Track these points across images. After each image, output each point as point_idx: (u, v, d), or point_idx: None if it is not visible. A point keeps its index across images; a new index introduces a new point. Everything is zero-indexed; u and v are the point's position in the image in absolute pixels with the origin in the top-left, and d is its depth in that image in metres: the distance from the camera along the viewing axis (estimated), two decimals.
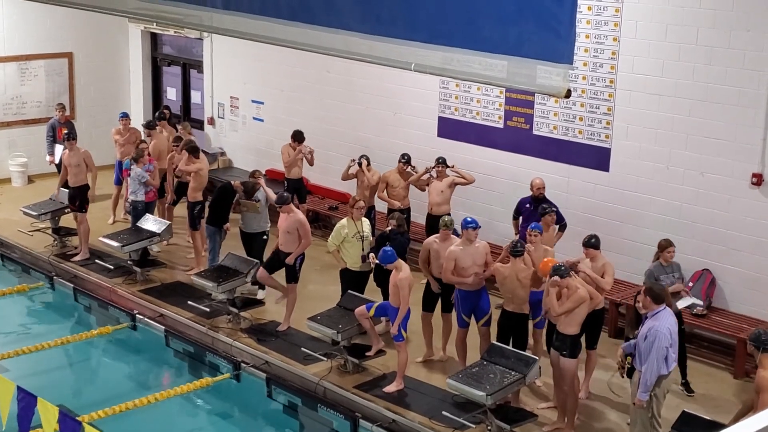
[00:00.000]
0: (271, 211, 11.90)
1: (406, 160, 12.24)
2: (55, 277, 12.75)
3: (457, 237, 9.96)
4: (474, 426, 8.85)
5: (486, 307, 9.66)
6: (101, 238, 12.63)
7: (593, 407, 9.39)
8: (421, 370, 10.11)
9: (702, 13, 10.36)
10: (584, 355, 9.18)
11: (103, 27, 16.90)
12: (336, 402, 9.54)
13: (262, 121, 15.67)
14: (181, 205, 13.50)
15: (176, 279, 12.41)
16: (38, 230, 13.84)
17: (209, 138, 16.60)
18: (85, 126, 16.03)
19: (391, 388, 9.58)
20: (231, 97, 16.15)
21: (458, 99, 12.81)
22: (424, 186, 12.10)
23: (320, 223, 14.26)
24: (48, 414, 7.08)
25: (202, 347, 10.84)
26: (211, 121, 16.57)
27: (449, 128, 12.97)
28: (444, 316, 10.23)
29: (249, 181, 11.86)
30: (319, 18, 8.71)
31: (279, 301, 11.24)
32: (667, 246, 9.54)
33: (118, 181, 14.54)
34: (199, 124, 16.72)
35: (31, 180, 16.44)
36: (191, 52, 17.12)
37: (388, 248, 9.60)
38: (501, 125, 12.40)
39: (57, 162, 15.04)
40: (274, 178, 14.06)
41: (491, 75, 7.22)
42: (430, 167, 11.99)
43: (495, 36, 7.24)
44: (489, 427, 8.73)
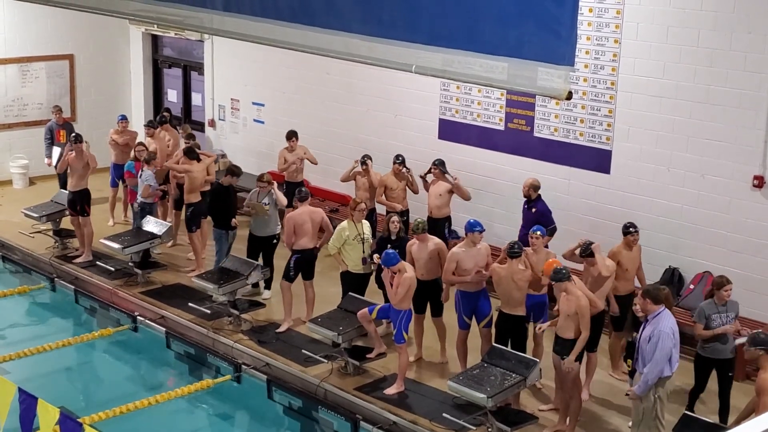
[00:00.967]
0: (281, 215, 11.89)
1: (401, 161, 12.24)
2: (56, 279, 12.75)
3: (456, 239, 9.95)
4: (474, 428, 8.84)
5: (486, 309, 9.67)
6: (102, 240, 12.64)
7: (594, 410, 9.38)
8: (422, 372, 10.10)
9: (703, 15, 10.36)
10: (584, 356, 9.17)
11: (103, 29, 16.93)
12: (336, 404, 9.53)
13: (262, 123, 15.68)
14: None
15: (177, 281, 12.41)
16: (39, 232, 13.85)
17: (210, 140, 16.61)
18: (85, 128, 16.00)
19: (392, 390, 9.58)
20: (232, 99, 16.16)
21: (459, 101, 12.82)
22: (427, 187, 12.08)
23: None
24: (48, 416, 7.07)
25: (203, 349, 10.84)
26: (212, 123, 16.58)
27: (450, 130, 12.97)
28: (435, 320, 10.22)
29: (231, 166, 12.15)
30: (320, 20, 8.71)
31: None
32: (723, 284, 8.76)
33: (114, 183, 14.54)
34: (199, 126, 16.73)
35: (32, 182, 16.45)
36: (192, 54, 17.13)
37: (391, 251, 9.60)
38: (502, 127, 12.40)
39: (55, 164, 15.05)
40: (275, 181, 13.98)
41: (492, 77, 7.21)
42: (424, 174, 11.98)
43: (496, 38, 7.22)
44: (489, 429, 8.73)
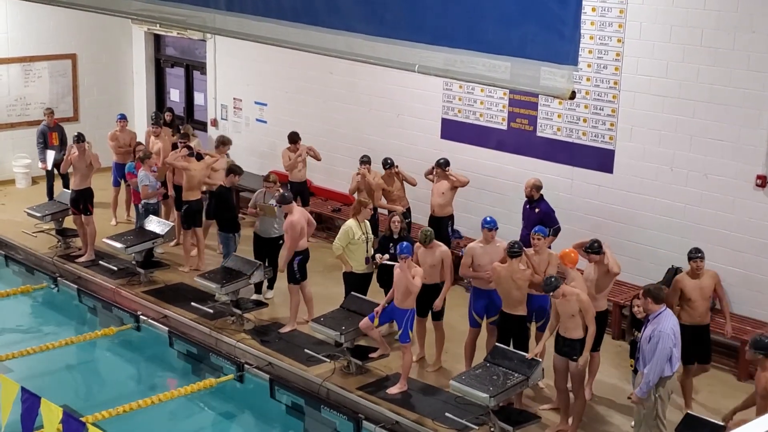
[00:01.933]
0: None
1: (390, 164, 12.27)
2: (59, 278, 12.76)
3: (458, 239, 9.92)
4: (477, 427, 8.85)
5: (498, 305, 9.63)
6: (105, 240, 12.65)
7: (597, 410, 9.37)
8: (425, 371, 10.10)
9: (706, 15, 10.34)
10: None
11: (106, 28, 16.94)
12: (339, 403, 9.53)
13: (265, 122, 15.68)
14: None
15: (180, 280, 12.41)
16: (42, 231, 13.85)
17: (212, 140, 16.60)
18: (88, 127, 16.00)
19: (395, 390, 9.59)
20: (234, 99, 16.16)
21: (461, 100, 12.81)
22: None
23: (323, 225, 14.26)
24: (51, 415, 7.08)
25: (205, 348, 10.84)
26: (214, 123, 16.58)
27: (452, 130, 12.97)
28: (435, 324, 10.22)
29: (232, 166, 12.15)
30: (323, 19, 8.71)
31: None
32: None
33: (116, 183, 14.55)
34: (202, 126, 16.74)
35: (35, 181, 16.45)
36: (194, 53, 17.13)
37: (406, 243, 9.61)
38: (504, 127, 12.39)
39: (49, 168, 15.04)
40: (282, 180, 13.96)
41: (495, 76, 7.21)
42: (427, 173, 12.00)
43: (498, 37, 7.22)
44: (492, 429, 8.73)
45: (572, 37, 6.87)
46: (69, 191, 13.43)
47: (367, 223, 10.82)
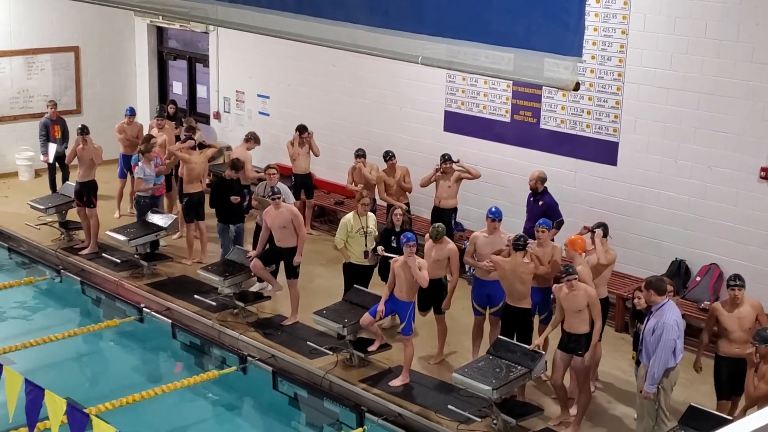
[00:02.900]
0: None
1: (390, 156, 12.27)
2: (62, 271, 12.76)
3: (461, 231, 9.90)
4: (479, 420, 8.84)
5: (499, 296, 9.62)
6: (108, 232, 12.65)
7: (600, 400, 9.37)
8: (427, 364, 10.10)
9: (710, 6, 10.31)
10: None
11: (109, 21, 16.91)
12: (342, 395, 9.53)
13: (267, 115, 15.66)
14: None
15: (183, 273, 12.41)
16: (45, 224, 13.86)
17: (215, 132, 16.60)
18: (91, 120, 16.00)
19: (398, 382, 9.58)
20: (237, 92, 16.15)
21: (465, 93, 12.78)
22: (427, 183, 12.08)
23: (326, 218, 14.26)
24: (55, 406, 7.08)
25: (208, 340, 10.85)
26: (217, 116, 16.57)
27: (455, 122, 12.94)
28: (437, 317, 10.20)
29: (233, 160, 12.16)
30: (326, 11, 8.70)
31: (268, 293, 11.28)
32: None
33: (123, 175, 14.54)
34: (205, 119, 16.72)
35: (38, 174, 16.44)
36: (197, 46, 17.11)
37: (410, 233, 9.60)
38: (508, 119, 12.37)
39: (51, 161, 15.03)
40: (282, 173, 13.92)
41: (498, 68, 7.20)
42: (438, 166, 11.98)
43: (502, 28, 7.21)
44: (495, 421, 8.73)
45: (577, 28, 6.86)
46: (73, 184, 13.43)
47: (372, 216, 10.80)
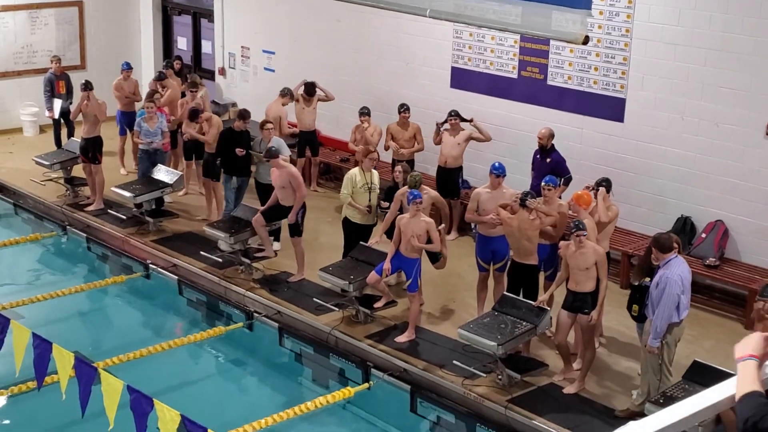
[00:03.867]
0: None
1: (405, 109, 12.20)
2: (68, 227, 12.79)
3: (468, 189, 9.84)
4: (484, 375, 8.89)
5: (503, 252, 9.63)
6: (113, 188, 12.65)
7: (603, 356, 9.40)
8: (433, 320, 10.14)
9: None
10: None
11: None
12: (348, 351, 9.59)
13: (273, 71, 15.57)
14: None
15: (188, 229, 12.42)
16: (50, 180, 13.85)
17: (220, 88, 16.53)
18: (96, 75, 15.95)
19: (403, 338, 9.63)
20: (242, 47, 16.04)
21: (472, 49, 12.68)
22: (438, 141, 12.02)
23: (331, 175, 14.23)
24: (63, 360, 7.15)
25: (215, 297, 10.90)
26: (222, 72, 16.48)
27: (462, 78, 12.86)
28: (435, 266, 10.20)
29: (240, 110, 12.10)
30: None
31: (254, 246, 11.29)
32: None
33: (123, 132, 14.49)
34: (210, 75, 16.64)
35: (42, 130, 16.41)
36: (201, 1, 16.97)
37: (416, 190, 9.58)
38: (515, 75, 12.29)
39: (56, 116, 14.99)
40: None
41: (507, 21, 7.14)
42: (440, 122, 11.91)
43: None
44: (499, 377, 8.78)
45: None
46: (78, 140, 13.40)
47: (376, 173, 10.78)
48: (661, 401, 7.58)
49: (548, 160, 10.87)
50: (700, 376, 7.87)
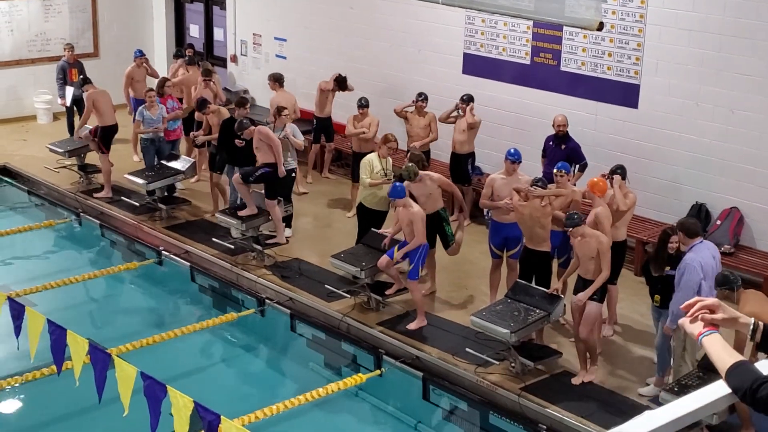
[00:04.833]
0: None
1: (423, 98, 12.14)
2: (81, 214, 12.82)
3: (479, 175, 9.81)
4: (497, 363, 8.87)
5: (517, 238, 9.59)
6: (126, 175, 12.67)
7: (617, 344, 9.37)
8: (445, 307, 10.13)
9: None
10: None
11: None
12: (359, 338, 9.59)
13: (284, 58, 15.54)
14: None
15: (201, 216, 12.43)
16: (64, 167, 13.88)
17: (232, 76, 16.51)
18: (109, 63, 16.00)
19: (414, 325, 9.61)
20: (254, 35, 16.01)
21: (484, 35, 12.62)
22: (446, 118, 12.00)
23: (342, 162, 14.20)
24: (78, 346, 7.16)
25: (227, 283, 10.91)
26: (234, 59, 16.46)
27: (475, 65, 12.80)
28: (448, 252, 10.18)
29: (239, 98, 12.06)
30: None
31: (266, 232, 11.31)
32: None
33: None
34: (221, 62, 16.62)
35: (56, 117, 16.43)
36: None
37: (399, 183, 9.53)
38: (528, 61, 12.22)
39: (68, 104, 15.00)
40: (303, 118, 13.84)
41: (520, 7, 7.09)
42: (460, 105, 11.86)
43: None
44: (512, 364, 8.76)
45: None
46: (90, 126, 13.39)
47: (389, 160, 10.76)
48: (676, 389, 7.55)
49: (563, 146, 10.81)
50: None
